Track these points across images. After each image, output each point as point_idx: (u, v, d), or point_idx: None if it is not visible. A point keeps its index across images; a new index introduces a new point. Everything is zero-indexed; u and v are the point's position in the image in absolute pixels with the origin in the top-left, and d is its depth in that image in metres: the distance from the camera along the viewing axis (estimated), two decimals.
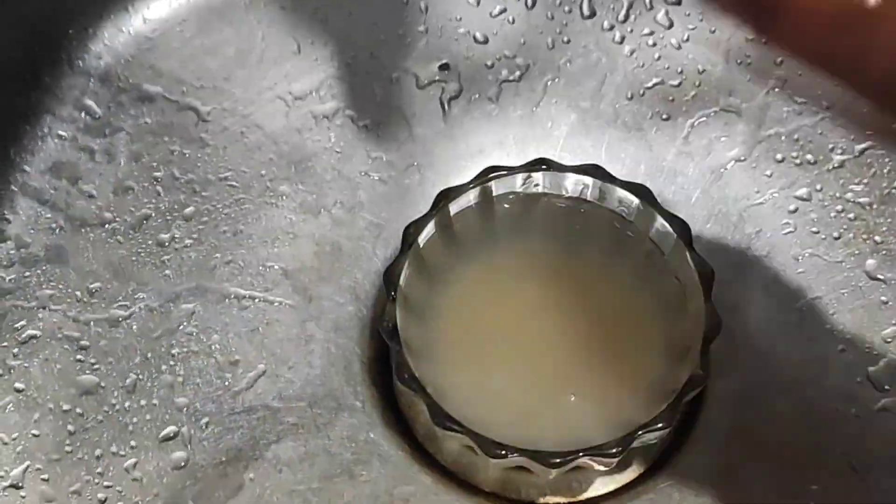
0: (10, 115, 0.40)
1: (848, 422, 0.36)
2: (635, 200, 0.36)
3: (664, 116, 0.42)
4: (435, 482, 0.36)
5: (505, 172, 0.37)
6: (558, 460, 0.33)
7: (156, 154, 0.41)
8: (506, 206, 0.38)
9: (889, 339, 0.37)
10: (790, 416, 0.36)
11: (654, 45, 0.43)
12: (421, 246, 0.36)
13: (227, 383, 0.37)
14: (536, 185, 0.37)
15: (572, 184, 0.37)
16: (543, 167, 0.37)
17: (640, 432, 0.32)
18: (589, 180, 0.37)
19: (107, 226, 0.39)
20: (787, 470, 0.36)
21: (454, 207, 0.37)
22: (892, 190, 0.40)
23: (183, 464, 0.36)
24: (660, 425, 0.32)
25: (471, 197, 0.37)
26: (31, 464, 0.35)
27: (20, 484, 0.35)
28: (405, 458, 0.37)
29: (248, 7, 0.43)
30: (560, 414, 0.34)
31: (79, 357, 0.37)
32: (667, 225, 0.35)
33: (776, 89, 0.42)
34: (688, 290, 0.35)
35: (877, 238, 0.39)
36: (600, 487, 0.36)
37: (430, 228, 0.36)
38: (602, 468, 0.35)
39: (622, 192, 0.36)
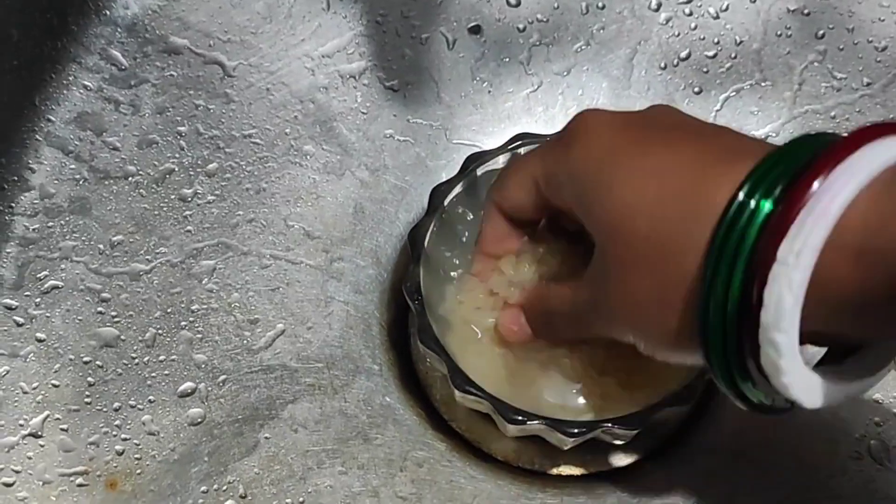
0: (36, 63, 0.40)
1: (867, 405, 0.36)
2: None
3: (697, 89, 0.41)
4: (449, 448, 0.36)
5: (535, 140, 0.36)
6: (576, 430, 0.32)
7: (180, 108, 0.40)
8: None
9: None
10: None
11: (691, 13, 0.41)
12: (447, 208, 0.36)
13: (245, 341, 0.37)
14: None
15: None
16: None
17: (657, 408, 0.32)
18: None
19: (130, 178, 0.39)
20: (803, 451, 0.35)
21: (482, 172, 0.36)
22: None
23: (199, 420, 0.36)
24: (677, 402, 0.32)
25: (499, 162, 0.36)
26: (51, 413, 0.36)
27: (40, 433, 0.35)
28: (420, 423, 0.37)
29: None
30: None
31: (100, 309, 0.37)
32: None
33: (815, 63, 0.41)
34: None
35: None
36: (614, 461, 0.36)
37: (457, 191, 0.36)
38: (618, 442, 0.35)
39: None
